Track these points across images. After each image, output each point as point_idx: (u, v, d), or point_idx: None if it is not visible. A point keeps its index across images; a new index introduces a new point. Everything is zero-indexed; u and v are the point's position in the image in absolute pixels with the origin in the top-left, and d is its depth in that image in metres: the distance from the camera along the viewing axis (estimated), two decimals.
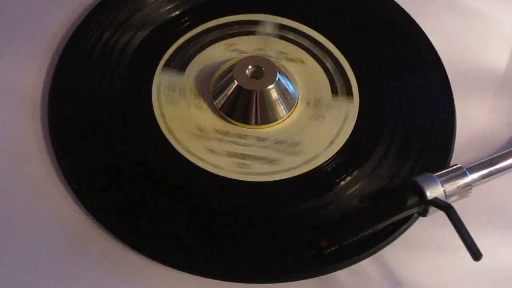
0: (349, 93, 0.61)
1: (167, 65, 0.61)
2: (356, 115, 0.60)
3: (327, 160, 0.57)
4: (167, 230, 0.53)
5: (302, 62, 0.63)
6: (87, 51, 0.61)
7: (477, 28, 0.68)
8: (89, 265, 0.52)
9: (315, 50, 0.63)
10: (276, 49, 0.63)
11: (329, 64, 0.63)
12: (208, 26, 0.64)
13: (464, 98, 0.62)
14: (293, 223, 0.54)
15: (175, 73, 0.61)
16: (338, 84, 0.62)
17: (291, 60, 0.63)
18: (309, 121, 0.59)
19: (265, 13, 0.65)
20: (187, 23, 0.64)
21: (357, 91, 0.61)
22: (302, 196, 0.55)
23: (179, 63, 0.61)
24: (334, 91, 0.61)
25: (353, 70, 0.62)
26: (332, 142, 0.58)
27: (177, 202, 0.54)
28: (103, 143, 0.57)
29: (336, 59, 0.63)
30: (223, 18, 0.64)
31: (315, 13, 0.66)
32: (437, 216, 0.52)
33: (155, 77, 0.60)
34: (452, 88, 0.62)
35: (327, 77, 0.62)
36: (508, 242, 0.56)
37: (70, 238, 0.52)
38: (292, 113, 0.60)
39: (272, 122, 0.59)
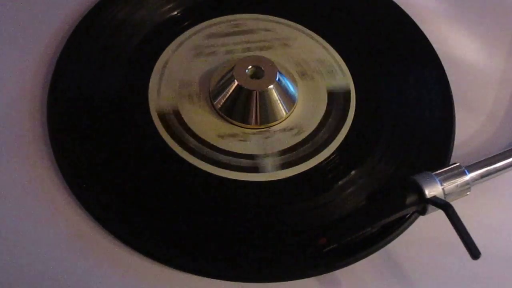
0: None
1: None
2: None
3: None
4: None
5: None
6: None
7: (476, 28, 0.68)
8: (88, 265, 0.52)
9: None
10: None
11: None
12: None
13: (463, 97, 0.63)
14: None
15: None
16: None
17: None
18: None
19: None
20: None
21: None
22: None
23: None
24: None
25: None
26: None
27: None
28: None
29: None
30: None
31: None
32: (437, 215, 0.52)
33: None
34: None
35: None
36: (508, 241, 0.56)
37: (70, 238, 0.53)
38: (292, 112, 0.60)
39: (272, 122, 0.59)
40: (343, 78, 0.62)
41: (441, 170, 0.54)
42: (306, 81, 0.62)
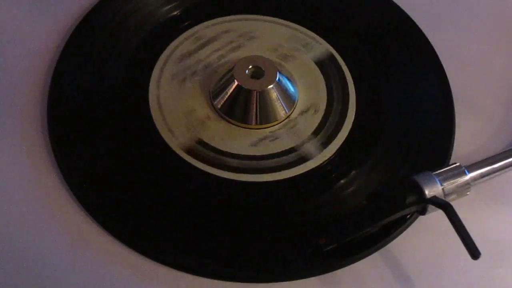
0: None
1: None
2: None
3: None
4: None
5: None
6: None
7: (477, 29, 0.68)
8: (89, 265, 0.52)
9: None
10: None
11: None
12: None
13: (463, 97, 0.62)
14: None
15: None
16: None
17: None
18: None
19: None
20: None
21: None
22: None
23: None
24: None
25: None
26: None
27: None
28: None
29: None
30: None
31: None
32: (437, 215, 0.52)
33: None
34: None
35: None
36: (508, 242, 0.56)
37: (70, 238, 0.53)
38: (292, 113, 0.60)
39: (272, 122, 0.59)
40: (321, 46, 0.64)
41: (441, 170, 0.54)
42: (291, 62, 0.62)
